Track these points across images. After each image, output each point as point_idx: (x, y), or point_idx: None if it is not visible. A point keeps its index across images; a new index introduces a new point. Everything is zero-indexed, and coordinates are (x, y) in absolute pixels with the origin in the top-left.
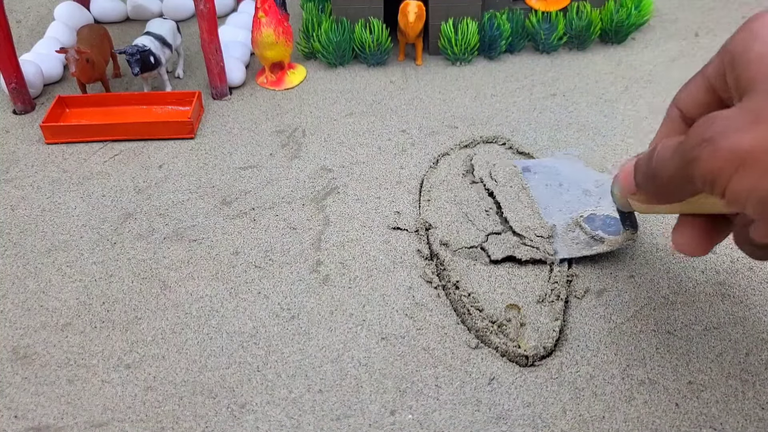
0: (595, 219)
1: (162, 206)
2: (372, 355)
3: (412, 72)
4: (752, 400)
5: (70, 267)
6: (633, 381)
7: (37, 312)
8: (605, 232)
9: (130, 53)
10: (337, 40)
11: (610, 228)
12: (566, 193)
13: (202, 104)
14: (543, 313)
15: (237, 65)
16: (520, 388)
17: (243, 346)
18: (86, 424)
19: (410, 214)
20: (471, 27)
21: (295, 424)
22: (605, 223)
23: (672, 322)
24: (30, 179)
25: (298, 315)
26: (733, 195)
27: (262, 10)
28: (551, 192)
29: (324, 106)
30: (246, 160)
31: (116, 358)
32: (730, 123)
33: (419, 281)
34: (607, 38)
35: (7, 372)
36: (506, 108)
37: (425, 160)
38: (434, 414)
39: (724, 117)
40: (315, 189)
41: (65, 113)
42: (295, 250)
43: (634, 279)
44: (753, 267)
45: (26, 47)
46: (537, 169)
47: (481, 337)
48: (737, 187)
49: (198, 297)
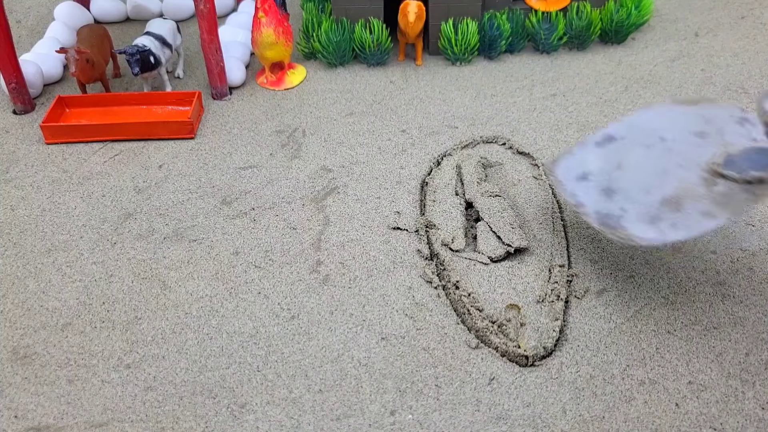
0: (735, 160)
1: (162, 206)
2: (372, 355)
3: (412, 72)
4: (752, 400)
5: (70, 267)
6: (633, 381)
7: (37, 312)
8: (759, 169)
9: (130, 53)
10: (337, 40)
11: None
12: (677, 145)
13: (202, 104)
14: (543, 313)
15: (237, 65)
16: (520, 388)
17: (243, 346)
18: (86, 424)
19: (410, 214)
20: (471, 27)
21: (295, 424)
22: (751, 160)
23: (672, 322)
24: (30, 179)
25: (298, 315)
26: None
27: (262, 10)
28: (658, 151)
29: (324, 106)
30: (246, 160)
31: (116, 358)
32: None
33: (419, 281)
34: (607, 38)
35: (7, 372)
36: (506, 108)
37: (425, 160)
38: (434, 414)
39: None
40: (315, 189)
41: (65, 113)
42: (295, 250)
43: (634, 279)
44: (753, 267)
45: (26, 47)
46: (622, 133)
47: (481, 337)
48: None
49: (198, 297)
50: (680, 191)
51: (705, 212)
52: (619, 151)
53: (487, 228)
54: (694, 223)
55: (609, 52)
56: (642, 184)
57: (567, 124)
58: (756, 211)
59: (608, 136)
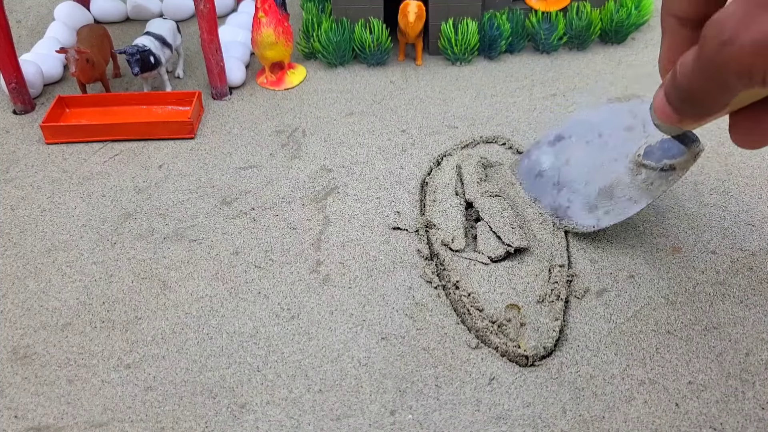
0: (653, 150)
1: (162, 206)
2: (372, 355)
3: (412, 72)
4: (752, 400)
5: (70, 267)
6: (633, 381)
7: (37, 312)
8: (670, 158)
9: (130, 53)
10: (337, 40)
11: (671, 151)
12: (611, 140)
13: (202, 104)
14: (543, 313)
15: (237, 65)
16: (520, 388)
17: (243, 346)
18: (86, 424)
19: (410, 214)
20: (471, 27)
21: (295, 424)
22: (664, 149)
23: (672, 322)
24: (30, 179)
25: (298, 315)
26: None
27: (262, 10)
28: (596, 146)
29: (324, 106)
30: (246, 160)
31: (116, 358)
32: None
33: (419, 281)
34: (607, 38)
35: (7, 372)
36: (506, 108)
37: (425, 160)
38: (434, 414)
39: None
40: (315, 189)
41: (65, 113)
42: (295, 250)
43: (634, 279)
44: (753, 267)
45: (26, 47)
46: (570, 131)
47: (481, 337)
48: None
49: (198, 297)
50: (612, 181)
51: (630, 198)
52: (567, 149)
53: (487, 228)
54: (623, 208)
55: (609, 52)
56: (584, 176)
57: None
58: (756, 211)
59: (558, 136)
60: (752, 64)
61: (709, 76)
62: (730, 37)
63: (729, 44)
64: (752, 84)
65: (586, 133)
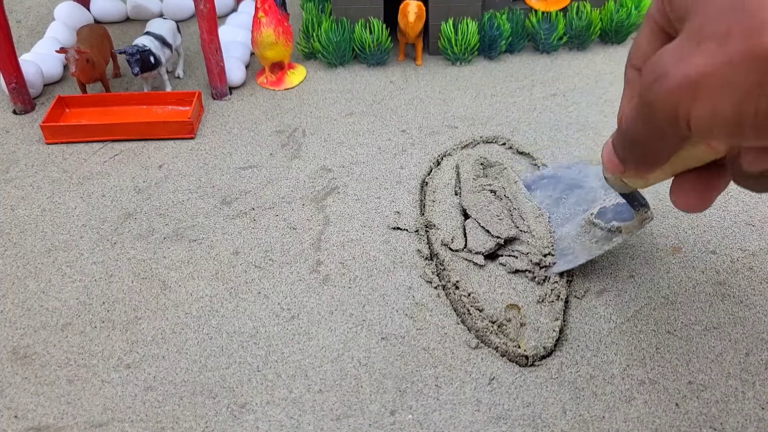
0: (606, 211)
1: (162, 206)
2: (372, 355)
3: (412, 72)
4: (752, 400)
5: (70, 267)
6: (633, 381)
7: (37, 312)
8: (619, 221)
9: (130, 53)
10: (337, 40)
11: (623, 215)
12: (570, 197)
13: (202, 104)
14: (543, 313)
15: (237, 65)
16: (520, 388)
17: (243, 346)
18: (86, 424)
19: (410, 214)
20: (471, 27)
21: (295, 424)
22: (616, 212)
23: (672, 322)
24: (30, 179)
25: (298, 315)
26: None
27: (262, 10)
28: (555, 202)
29: (324, 106)
30: (246, 160)
31: (116, 358)
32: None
33: (419, 281)
34: (607, 38)
35: (7, 372)
36: (506, 108)
37: (425, 160)
38: (434, 414)
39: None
40: (315, 189)
41: (65, 113)
42: (295, 250)
43: (634, 279)
44: (753, 267)
45: (26, 47)
46: (537, 185)
47: (481, 337)
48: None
49: (198, 297)
50: (561, 235)
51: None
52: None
53: (476, 224)
54: (573, 259)
55: (609, 52)
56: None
57: (567, 124)
58: (756, 211)
59: (527, 185)
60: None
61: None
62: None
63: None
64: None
65: (551, 187)
